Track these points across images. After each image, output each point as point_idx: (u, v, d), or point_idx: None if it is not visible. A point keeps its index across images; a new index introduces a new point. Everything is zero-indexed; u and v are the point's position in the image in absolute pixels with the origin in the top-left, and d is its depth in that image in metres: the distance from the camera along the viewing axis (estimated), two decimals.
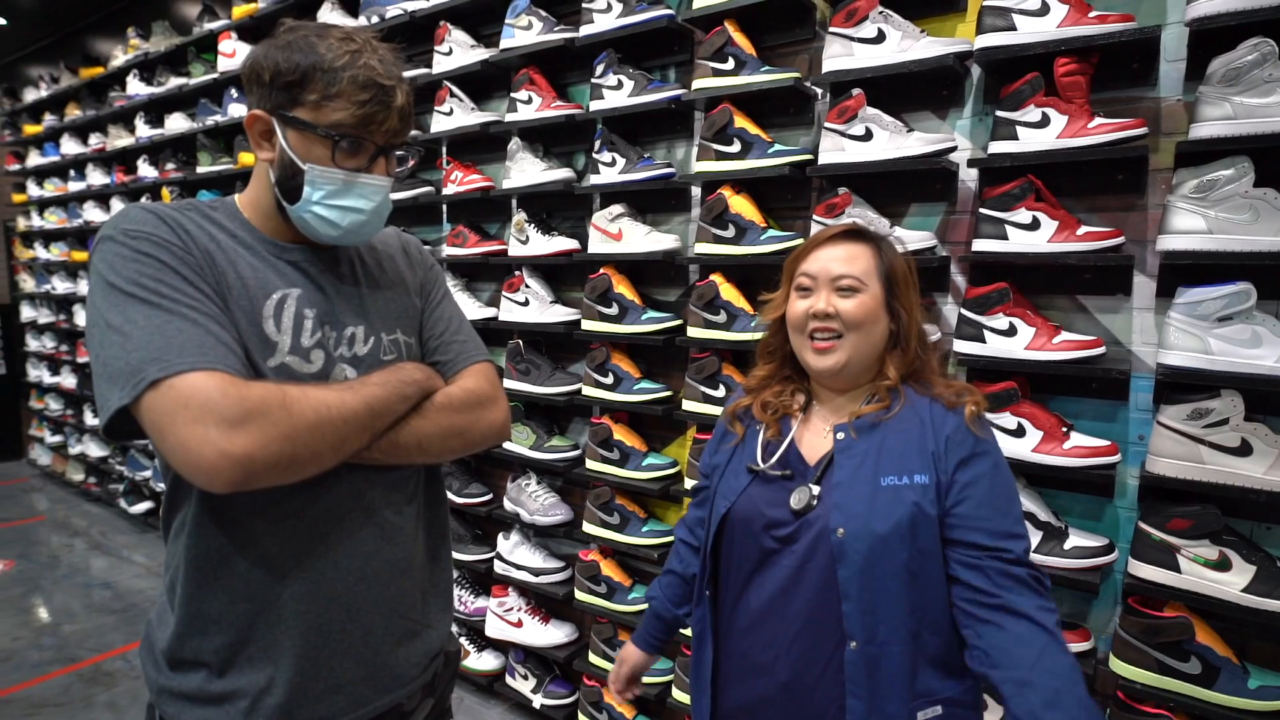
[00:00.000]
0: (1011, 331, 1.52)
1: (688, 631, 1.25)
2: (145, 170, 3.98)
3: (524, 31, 2.29)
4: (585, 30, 2.15)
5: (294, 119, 0.88)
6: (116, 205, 4.30)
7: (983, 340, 1.55)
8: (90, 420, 4.85)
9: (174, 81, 3.74)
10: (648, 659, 1.32)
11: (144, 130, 3.95)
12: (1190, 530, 1.36)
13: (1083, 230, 1.47)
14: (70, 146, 4.67)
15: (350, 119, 0.87)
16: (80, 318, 4.75)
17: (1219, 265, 1.33)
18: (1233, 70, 1.28)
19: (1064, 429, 1.50)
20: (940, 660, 0.98)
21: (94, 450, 4.92)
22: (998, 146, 1.53)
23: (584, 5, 2.16)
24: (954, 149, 1.63)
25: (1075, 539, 1.49)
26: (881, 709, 0.95)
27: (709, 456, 1.23)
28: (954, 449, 0.99)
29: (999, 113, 1.53)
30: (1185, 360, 1.35)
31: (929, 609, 0.97)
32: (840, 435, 1.04)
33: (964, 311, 1.58)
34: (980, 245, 1.55)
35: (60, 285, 4.94)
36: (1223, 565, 1.34)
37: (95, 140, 4.46)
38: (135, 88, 3.99)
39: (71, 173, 4.71)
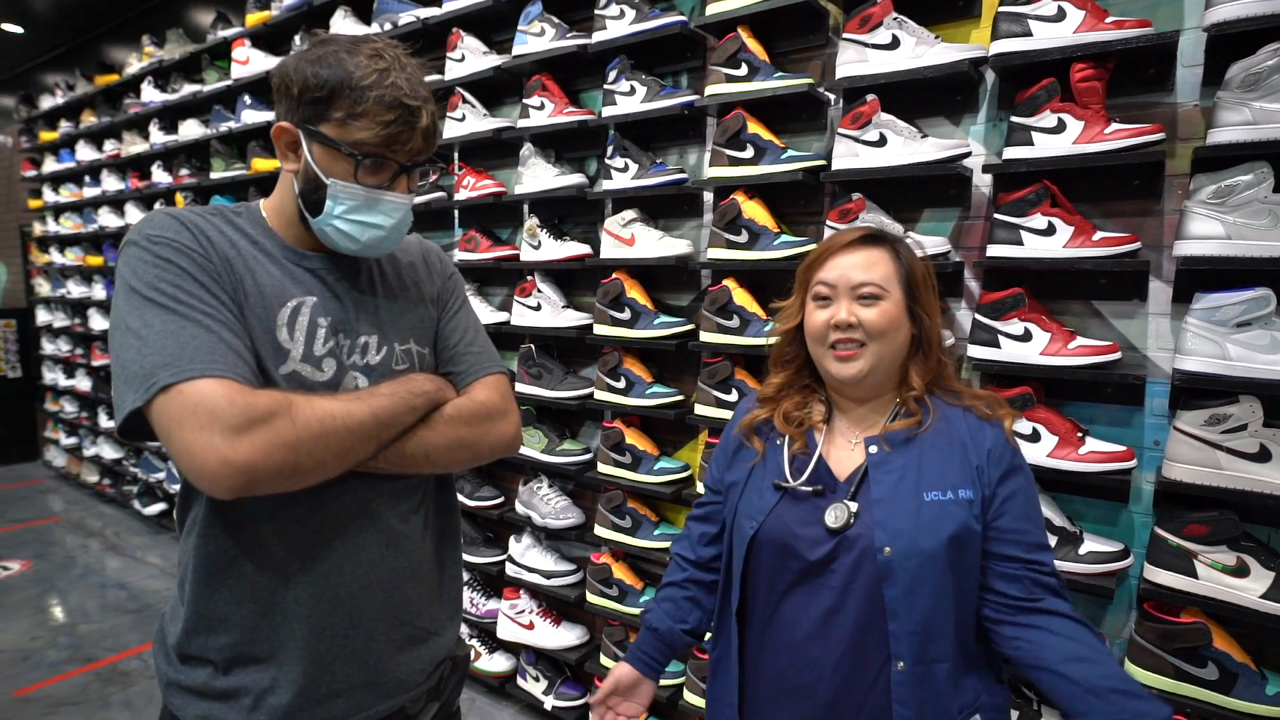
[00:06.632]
0: (1027, 337, 1.52)
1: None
2: (159, 176, 4.02)
3: (536, 38, 2.30)
4: (598, 36, 2.16)
5: (319, 134, 0.89)
6: (131, 210, 4.34)
7: (997, 346, 1.55)
8: (105, 423, 4.90)
9: (188, 88, 3.77)
10: (638, 678, 1.15)
11: (158, 136, 3.99)
12: (1207, 536, 1.36)
13: (1099, 236, 1.46)
14: (85, 153, 4.72)
15: (374, 139, 0.88)
16: (95, 322, 4.80)
17: (1236, 270, 1.33)
18: (1252, 75, 1.27)
19: (1079, 434, 1.50)
20: (977, 669, 0.99)
21: (108, 452, 4.97)
22: (1013, 152, 1.53)
23: (596, 12, 2.17)
24: (968, 154, 1.63)
25: (1090, 544, 1.49)
26: None
27: (719, 472, 1.17)
28: (995, 463, 0.98)
29: (1014, 118, 1.53)
30: (1203, 366, 1.35)
31: (969, 622, 0.97)
32: (873, 449, 1.01)
33: (978, 317, 1.58)
34: (995, 251, 1.55)
35: (75, 289, 4.99)
36: (1240, 571, 1.34)
37: (110, 146, 4.51)
38: (150, 94, 4.04)
39: (87, 178, 4.75)
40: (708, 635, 1.18)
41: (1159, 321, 1.51)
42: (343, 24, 2.87)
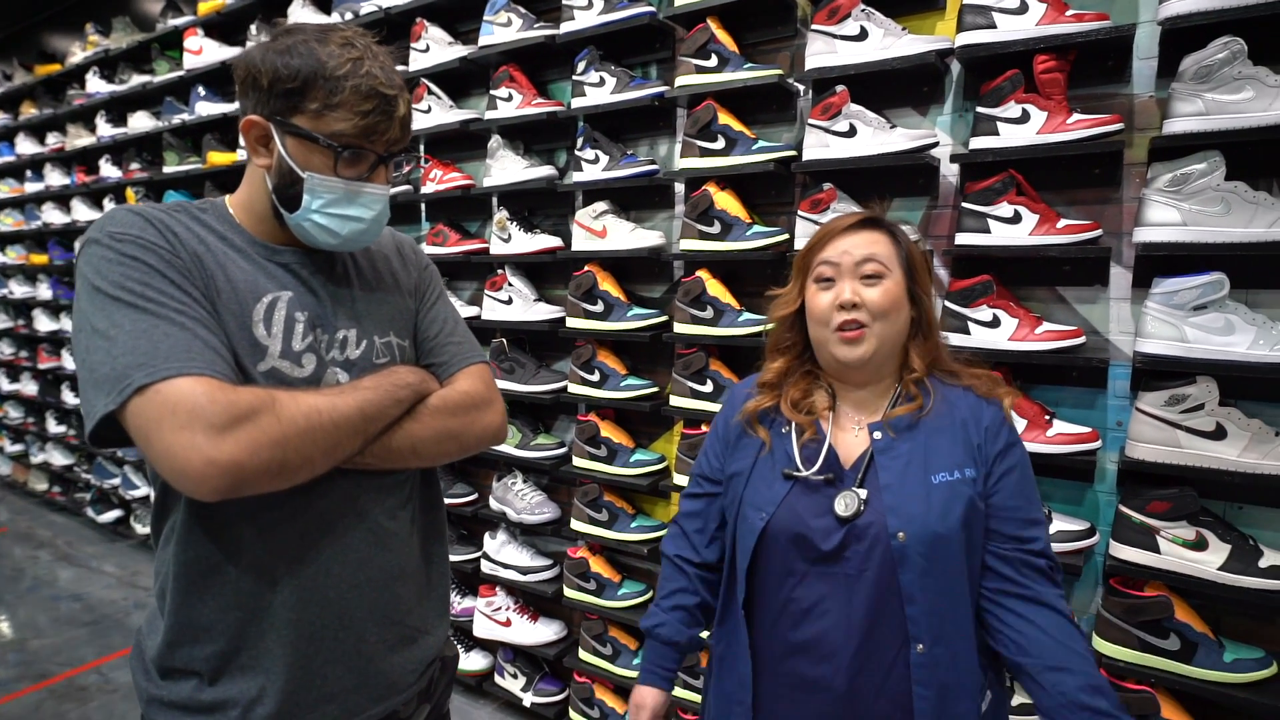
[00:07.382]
0: (995, 323, 1.55)
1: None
2: (108, 170, 3.86)
3: (503, 28, 2.27)
4: (566, 27, 2.14)
5: (294, 127, 0.85)
6: (77, 206, 4.16)
7: (967, 332, 1.58)
8: (54, 428, 4.70)
9: (137, 79, 3.63)
10: (666, 697, 1.14)
11: (105, 129, 3.83)
12: (1169, 512, 1.41)
13: (1062, 223, 1.50)
14: (26, 146, 4.51)
15: (352, 129, 0.85)
16: (40, 323, 4.59)
17: (1193, 256, 1.38)
18: (1204, 68, 1.32)
19: (1046, 417, 1.54)
20: (985, 648, 1.00)
21: (58, 459, 4.76)
22: (979, 142, 1.56)
23: (564, 2, 2.15)
24: (936, 144, 1.66)
25: (1058, 523, 1.54)
26: (951, 708, 0.93)
27: (718, 461, 1.14)
28: (993, 440, 1.00)
29: (980, 109, 1.56)
30: (1162, 348, 1.40)
31: (977, 599, 0.98)
32: (877, 435, 1.01)
33: (948, 304, 1.61)
34: (963, 239, 1.59)
35: (18, 289, 4.76)
36: (1200, 545, 1.39)
37: (53, 140, 4.32)
38: (95, 85, 3.87)
39: (28, 173, 4.54)
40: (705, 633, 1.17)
41: (1120, 306, 1.56)
42: (301, 13, 2.79)
